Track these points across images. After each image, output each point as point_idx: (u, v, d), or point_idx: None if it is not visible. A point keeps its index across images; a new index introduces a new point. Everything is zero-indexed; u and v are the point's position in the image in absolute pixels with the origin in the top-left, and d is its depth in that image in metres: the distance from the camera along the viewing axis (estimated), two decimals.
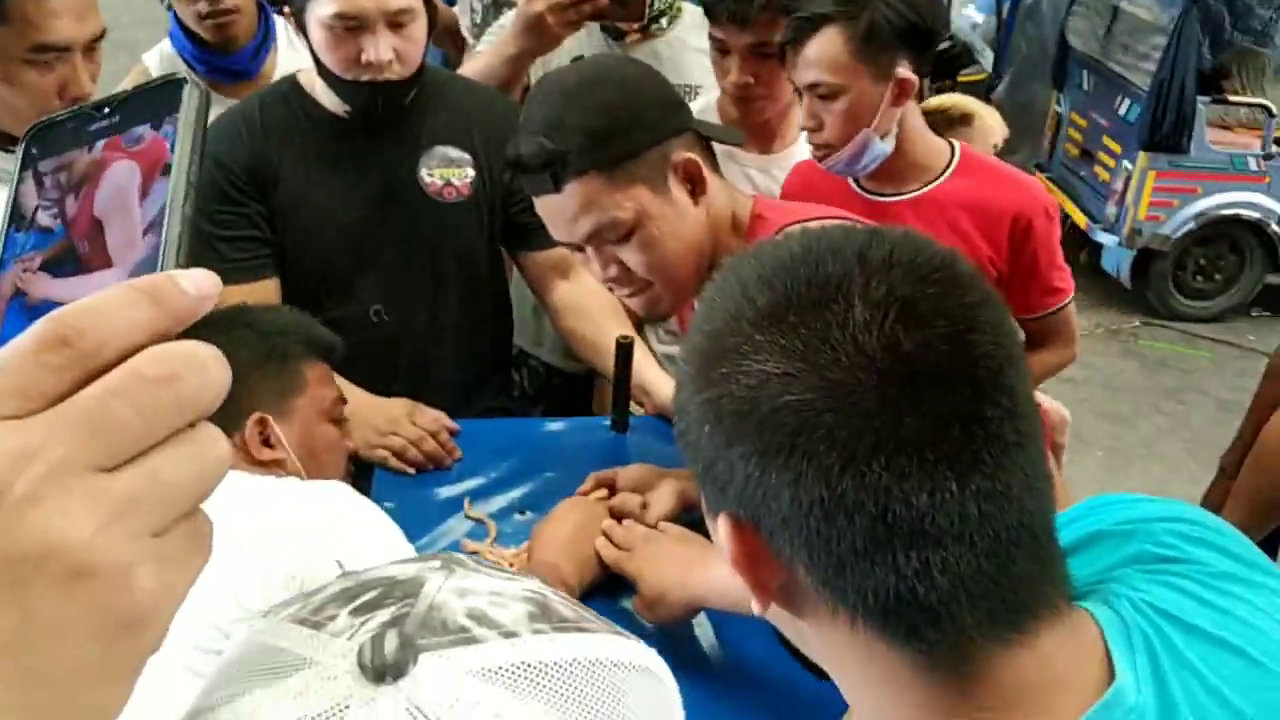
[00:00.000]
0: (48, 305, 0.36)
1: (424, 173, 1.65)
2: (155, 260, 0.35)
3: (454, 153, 1.66)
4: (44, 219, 0.38)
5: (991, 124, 2.42)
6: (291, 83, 1.65)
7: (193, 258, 0.36)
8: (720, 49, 1.71)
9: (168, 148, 0.36)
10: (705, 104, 1.86)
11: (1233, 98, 4.15)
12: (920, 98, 4.39)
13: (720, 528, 0.56)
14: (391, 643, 0.37)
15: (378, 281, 1.67)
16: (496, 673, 0.37)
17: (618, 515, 1.34)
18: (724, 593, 1.09)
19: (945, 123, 2.40)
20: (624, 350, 1.57)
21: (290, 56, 1.92)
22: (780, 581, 0.56)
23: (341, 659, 0.37)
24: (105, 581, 0.29)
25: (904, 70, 1.50)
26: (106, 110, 0.38)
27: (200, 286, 0.33)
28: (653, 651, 0.41)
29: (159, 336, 0.32)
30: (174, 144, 0.36)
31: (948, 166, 1.64)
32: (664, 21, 2.02)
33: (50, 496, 0.29)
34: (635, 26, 1.96)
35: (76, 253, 0.37)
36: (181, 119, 0.37)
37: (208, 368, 0.32)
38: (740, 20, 1.67)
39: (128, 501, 0.30)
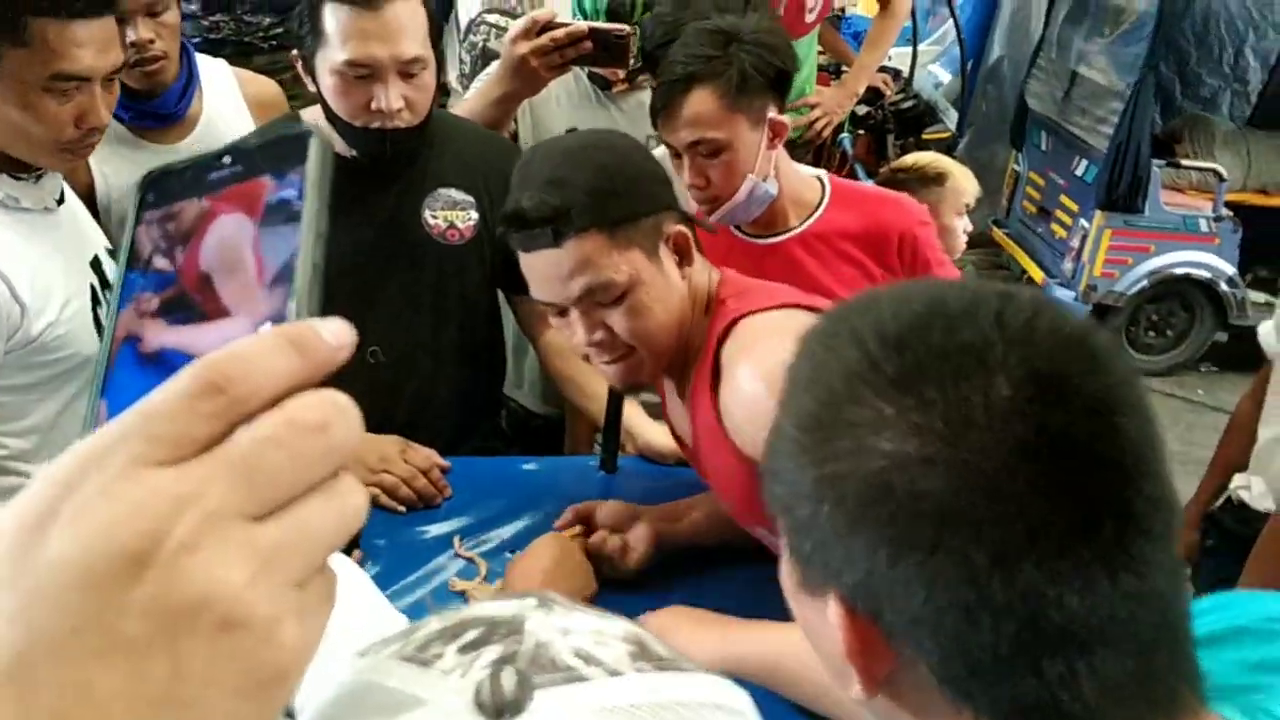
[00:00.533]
0: (167, 353, 0.37)
1: (428, 215, 1.66)
2: (283, 310, 0.35)
3: (458, 195, 1.67)
4: (160, 263, 0.38)
5: (965, 184, 2.48)
6: (296, 121, 1.65)
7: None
8: (675, 153, 1.60)
9: (292, 198, 0.37)
10: None
11: (1184, 161, 4.30)
12: (885, 156, 4.47)
13: (831, 614, 0.52)
14: (510, 680, 0.37)
15: (377, 322, 1.67)
16: (610, 711, 0.37)
17: (594, 555, 1.37)
18: (768, 669, 1.10)
19: (919, 180, 2.46)
20: (616, 394, 1.59)
21: (214, 101, 1.91)
22: (890, 671, 0.51)
23: (456, 696, 0.37)
24: (255, 634, 0.29)
25: (773, 113, 1.54)
26: (228, 159, 0.38)
27: (339, 336, 0.33)
28: (745, 694, 0.42)
29: (302, 385, 0.32)
30: (302, 195, 0.37)
31: (821, 199, 1.68)
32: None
33: (207, 545, 0.28)
34: (621, 75, 1.99)
35: (191, 301, 0.37)
36: (310, 171, 0.37)
37: (351, 416, 0.32)
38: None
39: (277, 552, 0.30)
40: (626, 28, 1.70)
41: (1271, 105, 4.65)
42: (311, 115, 1.64)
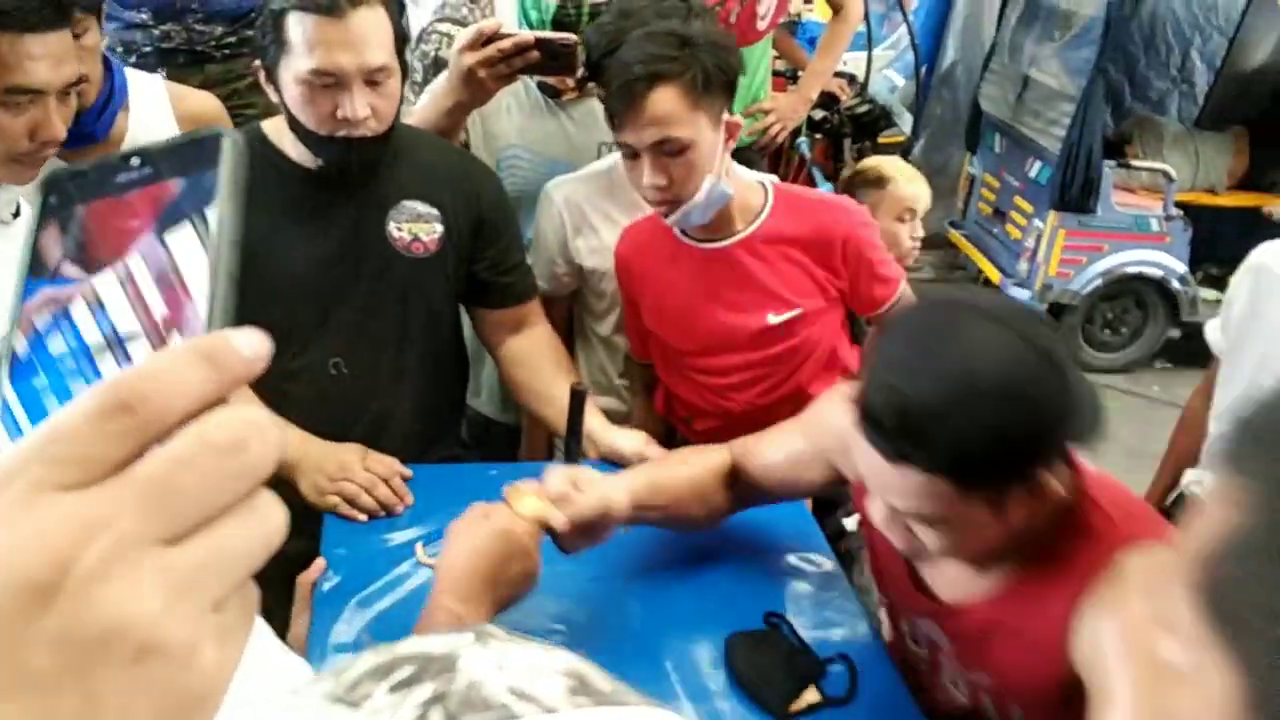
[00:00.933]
0: (71, 356, 0.35)
1: (392, 227, 1.66)
2: (195, 321, 0.34)
3: (422, 208, 1.67)
4: (69, 270, 0.36)
5: (906, 190, 2.50)
6: (258, 134, 1.64)
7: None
8: (630, 153, 1.59)
9: (204, 203, 0.35)
10: None
11: (1135, 162, 4.37)
12: (842, 160, 4.48)
13: None
14: None
15: (339, 334, 1.67)
16: None
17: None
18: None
19: (862, 183, 2.50)
20: (578, 397, 1.59)
21: (142, 117, 1.87)
22: None
23: None
24: (172, 661, 0.28)
25: (727, 114, 1.57)
26: (137, 161, 0.36)
27: (254, 347, 0.32)
28: None
29: (216, 400, 0.31)
30: (215, 200, 0.35)
31: (765, 204, 1.70)
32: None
33: (118, 572, 0.27)
34: (570, 83, 1.99)
35: (96, 308, 0.35)
36: (223, 175, 0.35)
37: (268, 434, 0.31)
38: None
39: (193, 576, 0.28)
40: (573, 37, 1.70)
41: (1218, 106, 4.74)
42: (274, 126, 1.63)
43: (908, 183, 2.54)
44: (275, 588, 2.27)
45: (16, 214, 1.44)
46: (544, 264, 1.91)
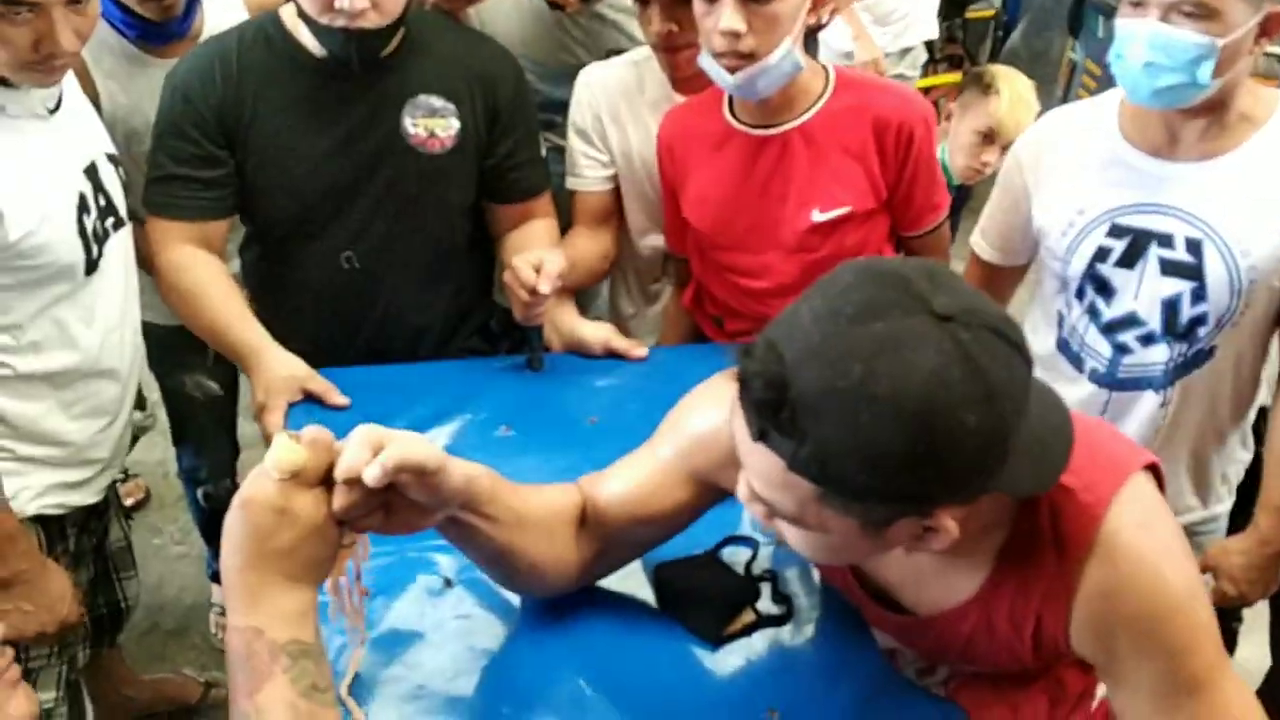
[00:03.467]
0: None
1: (408, 123, 1.63)
2: None
3: (438, 102, 1.63)
4: None
5: (1009, 117, 2.36)
6: (274, 20, 1.62)
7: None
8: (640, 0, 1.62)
9: None
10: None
11: None
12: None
13: None
14: None
15: (352, 227, 1.66)
16: None
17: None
18: None
19: (974, 80, 2.35)
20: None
21: (216, 14, 1.88)
22: None
23: None
24: None
25: None
26: None
27: None
28: None
29: None
30: None
31: (825, 88, 1.61)
32: None
33: None
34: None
35: None
36: None
37: None
38: None
39: None
40: None
41: None
42: (290, 13, 1.61)
43: (1013, 108, 2.38)
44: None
45: (56, 108, 1.46)
46: (587, 160, 1.83)
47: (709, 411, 1.08)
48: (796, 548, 0.91)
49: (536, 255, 1.57)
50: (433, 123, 1.63)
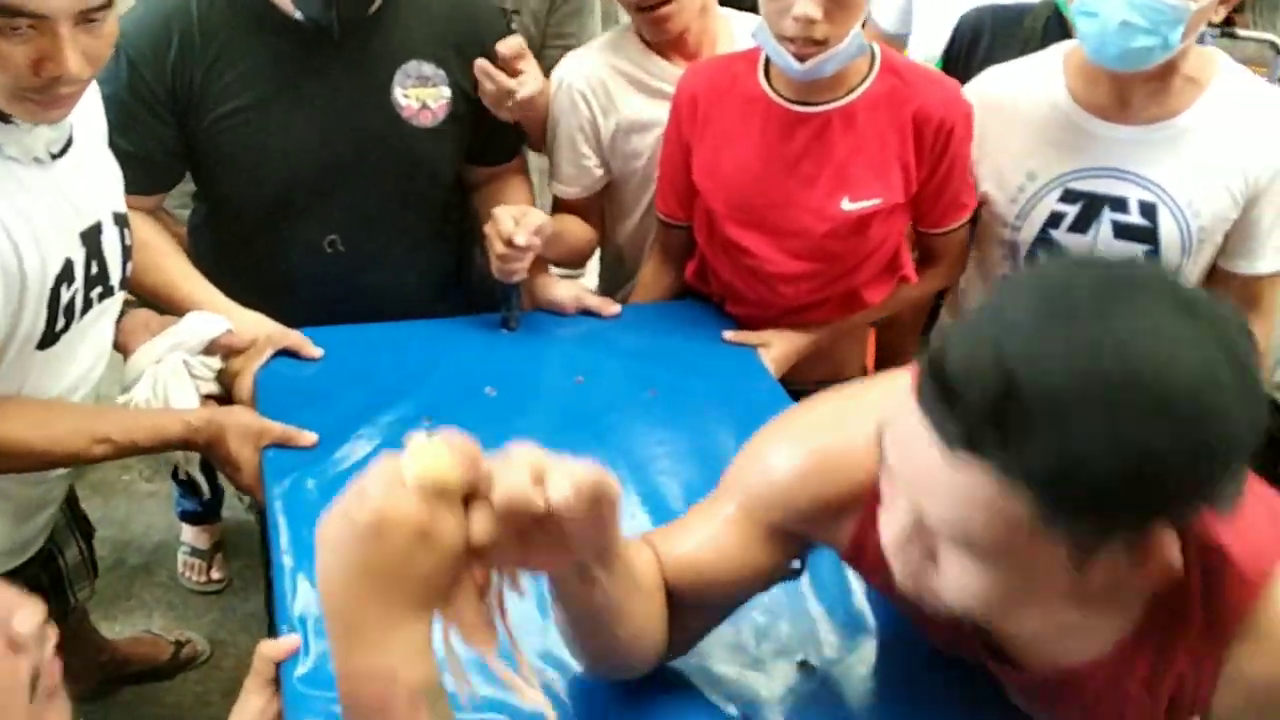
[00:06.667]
0: None
1: (398, 94, 1.53)
2: None
3: (428, 69, 1.54)
4: None
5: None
6: None
7: None
8: None
9: None
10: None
11: (1240, 31, 4.00)
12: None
13: None
14: None
15: (336, 210, 1.58)
16: None
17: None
18: None
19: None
20: None
21: None
22: None
23: None
24: None
25: None
26: None
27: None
28: None
29: None
30: None
31: (870, 70, 1.54)
32: None
33: None
34: None
35: None
36: None
37: None
38: None
39: None
40: None
41: None
42: None
43: None
44: None
45: (63, 151, 1.21)
46: (570, 163, 1.72)
47: (787, 451, 0.95)
48: (954, 595, 0.76)
49: (520, 208, 1.51)
50: (424, 92, 1.53)
